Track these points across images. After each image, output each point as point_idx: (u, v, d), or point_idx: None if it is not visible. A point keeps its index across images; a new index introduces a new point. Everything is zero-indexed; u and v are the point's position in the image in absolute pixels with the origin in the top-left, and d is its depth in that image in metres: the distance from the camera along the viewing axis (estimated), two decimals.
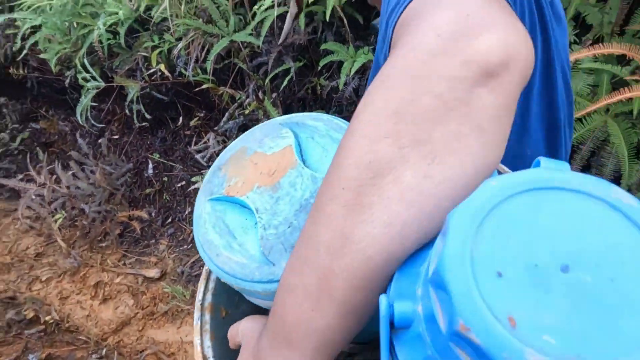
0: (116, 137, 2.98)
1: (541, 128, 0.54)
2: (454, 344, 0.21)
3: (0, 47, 2.99)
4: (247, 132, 0.49)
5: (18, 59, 2.85)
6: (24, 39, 2.69)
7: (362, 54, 1.72)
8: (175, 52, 2.05)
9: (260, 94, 2.14)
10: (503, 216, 0.22)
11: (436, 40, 0.28)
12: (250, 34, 1.94)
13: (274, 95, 2.12)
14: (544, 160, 0.25)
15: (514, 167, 0.38)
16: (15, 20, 2.86)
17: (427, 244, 0.28)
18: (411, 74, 0.28)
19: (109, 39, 2.30)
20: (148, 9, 2.21)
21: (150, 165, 2.77)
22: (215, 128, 2.30)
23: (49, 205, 2.79)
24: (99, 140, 2.88)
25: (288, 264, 0.32)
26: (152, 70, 2.26)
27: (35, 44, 2.65)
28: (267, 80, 2.06)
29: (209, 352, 0.44)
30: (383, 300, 0.24)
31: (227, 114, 2.25)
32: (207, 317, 0.47)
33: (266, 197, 0.42)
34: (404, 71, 0.28)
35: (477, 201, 0.23)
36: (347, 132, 0.29)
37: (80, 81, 2.12)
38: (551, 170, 0.24)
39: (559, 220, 0.22)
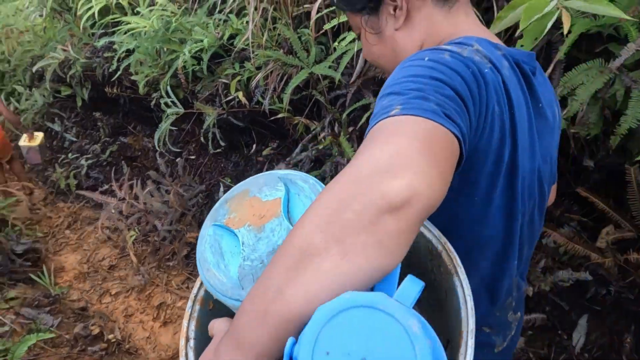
0: (193, 157, 3.05)
1: (501, 216, 0.62)
2: None
3: (99, 67, 3.22)
4: (253, 177, 0.60)
5: (113, 78, 3.03)
6: (119, 61, 2.85)
7: None
8: (253, 82, 2.01)
9: (336, 128, 2.03)
10: (341, 319, 0.35)
11: (368, 170, 0.40)
12: (330, 67, 1.84)
13: (350, 129, 2.00)
14: (406, 282, 0.40)
15: (477, 233, 0.63)
16: (113, 43, 3.06)
17: None
18: (346, 189, 0.40)
19: (193, 65, 2.34)
20: (231, 37, 2.22)
21: (222, 189, 2.77)
22: (287, 159, 2.23)
23: (126, 219, 2.90)
24: (177, 160, 2.96)
25: (249, 292, 0.42)
26: (230, 97, 2.26)
27: (129, 66, 2.79)
28: (344, 114, 1.94)
29: (192, 335, 0.56)
30: (289, 341, 0.37)
31: (300, 146, 2.16)
32: (197, 307, 0.59)
33: (252, 235, 0.52)
34: (343, 184, 0.41)
35: (334, 304, 0.36)
36: (304, 214, 0.41)
37: (163, 106, 2.16)
38: (385, 297, 0.35)
39: (368, 329, 0.34)
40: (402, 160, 0.40)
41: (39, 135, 3.60)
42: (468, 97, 0.50)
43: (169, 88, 2.07)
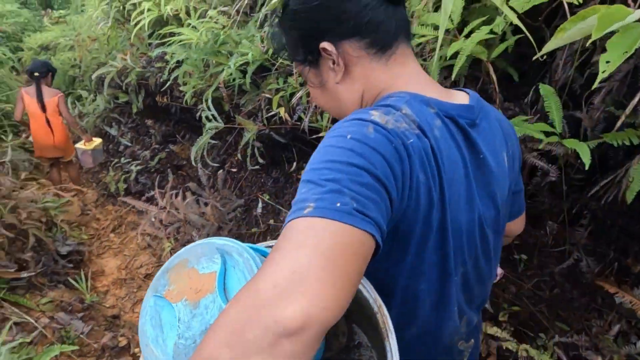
0: (234, 170, 3.01)
1: (434, 271, 0.65)
2: None
3: (152, 76, 3.29)
4: (192, 245, 0.61)
5: (164, 88, 3.08)
6: (170, 71, 2.89)
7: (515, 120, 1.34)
8: (295, 99, 1.91)
9: None
10: None
11: (266, 292, 0.42)
12: None
13: None
14: None
15: (413, 287, 0.66)
16: (166, 53, 3.12)
17: None
18: (247, 311, 0.42)
19: (239, 78, 2.30)
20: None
21: (260, 205, 2.70)
22: None
23: (166, 228, 2.90)
24: (218, 172, 2.93)
25: None
26: (272, 113, 2.18)
27: (178, 76, 2.82)
28: None
29: None
30: None
31: None
32: None
33: (188, 311, 0.55)
34: (243, 305, 0.43)
35: None
36: (211, 327, 0.44)
37: (204, 119, 2.12)
38: None
39: None
40: (298, 282, 0.42)
41: (97, 141, 3.74)
42: (389, 176, 0.52)
43: (210, 101, 2.02)
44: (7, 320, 1.96)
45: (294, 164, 2.51)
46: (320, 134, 2.01)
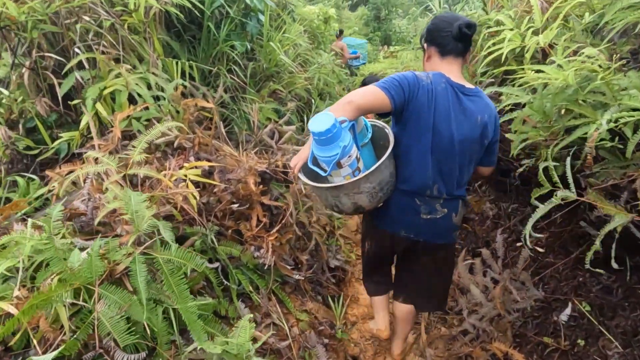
0: (541, 249, 2.32)
1: (424, 142, 1.66)
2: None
3: None
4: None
5: None
6: (500, 113, 2.48)
7: None
8: None
9: None
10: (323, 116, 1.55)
11: (345, 98, 1.59)
12: None
13: None
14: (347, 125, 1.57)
15: (412, 145, 1.71)
16: (500, 94, 2.72)
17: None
18: (341, 101, 1.58)
19: (606, 140, 1.65)
20: None
21: (568, 312, 1.94)
22: None
23: None
24: (519, 246, 2.32)
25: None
26: None
27: (510, 121, 2.37)
28: None
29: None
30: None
31: None
32: None
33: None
34: (347, 96, 1.60)
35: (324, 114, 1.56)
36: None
37: (542, 181, 1.59)
38: (332, 115, 1.54)
39: (323, 117, 1.56)
40: (357, 93, 1.57)
41: None
42: (405, 86, 1.58)
43: (568, 167, 1.47)
44: (268, 316, 1.96)
45: None
46: None
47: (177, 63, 2.86)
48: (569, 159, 1.56)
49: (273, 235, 2.17)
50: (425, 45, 1.75)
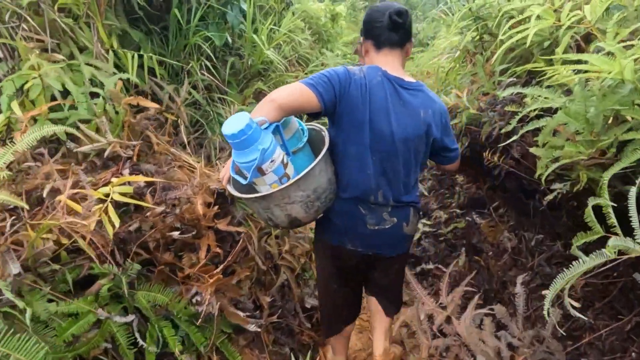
0: (587, 316, 1.73)
1: (359, 146, 1.51)
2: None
3: (489, 124, 2.40)
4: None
5: (501, 144, 2.15)
6: (522, 122, 1.93)
7: None
8: None
9: None
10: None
11: (270, 95, 1.44)
12: None
13: None
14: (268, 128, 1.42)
15: (349, 148, 1.55)
16: (524, 96, 2.16)
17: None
18: (263, 100, 1.44)
19: None
20: None
21: None
22: None
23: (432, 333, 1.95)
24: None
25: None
26: None
27: (533, 131, 1.82)
28: None
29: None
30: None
31: None
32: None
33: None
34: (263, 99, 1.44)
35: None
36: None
37: (591, 223, 1.04)
38: (247, 114, 1.38)
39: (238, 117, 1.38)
40: (281, 91, 1.41)
41: None
42: (336, 82, 1.44)
43: (633, 197, 0.92)
44: None
45: None
46: None
47: (132, 56, 2.39)
48: (633, 190, 1.01)
49: (215, 275, 1.66)
50: (361, 39, 1.64)
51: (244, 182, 1.37)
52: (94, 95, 2.06)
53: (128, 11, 2.66)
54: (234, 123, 1.26)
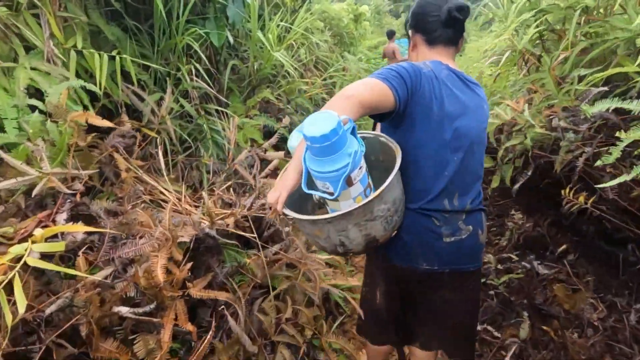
0: None
1: (434, 148, 1.30)
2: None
3: (565, 150, 1.78)
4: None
5: (577, 175, 1.54)
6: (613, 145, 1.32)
7: None
8: None
9: None
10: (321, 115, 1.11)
11: (344, 91, 1.16)
12: None
13: None
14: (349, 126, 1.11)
15: (424, 151, 1.31)
16: (625, 114, 1.54)
17: None
18: (337, 96, 1.14)
19: None
20: None
21: None
22: None
23: None
24: None
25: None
26: None
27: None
28: None
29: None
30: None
31: None
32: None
33: None
34: (337, 95, 1.16)
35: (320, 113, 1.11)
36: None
37: None
38: (334, 114, 1.07)
39: (323, 117, 1.10)
40: (358, 85, 1.14)
41: None
42: (407, 76, 1.21)
43: None
44: None
45: None
46: None
47: (101, 57, 1.88)
48: None
49: None
50: (410, 32, 1.46)
51: (329, 197, 1.14)
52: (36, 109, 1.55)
53: (104, 3, 2.16)
54: (321, 122, 1.04)
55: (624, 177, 1.28)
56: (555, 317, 1.87)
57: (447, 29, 1.35)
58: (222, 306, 1.44)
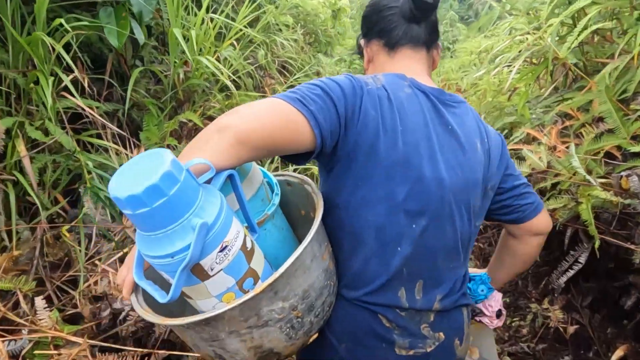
0: None
1: (382, 204, 0.84)
2: None
3: None
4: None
5: None
6: None
7: None
8: None
9: None
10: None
11: (220, 119, 0.74)
12: None
13: None
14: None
15: (362, 217, 0.84)
16: None
17: None
18: (206, 129, 0.72)
19: None
20: None
21: None
22: None
23: None
24: None
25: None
26: None
27: None
28: None
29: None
30: None
31: None
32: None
33: None
34: (207, 127, 0.73)
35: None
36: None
37: None
38: (167, 151, 0.63)
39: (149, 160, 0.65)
40: (243, 112, 0.72)
41: None
42: (338, 96, 0.78)
43: None
44: None
45: None
46: None
47: None
48: None
49: None
50: (362, 42, 1.04)
51: (161, 299, 0.65)
52: None
53: None
54: (137, 173, 0.61)
55: None
56: None
57: (412, 24, 0.96)
58: None
